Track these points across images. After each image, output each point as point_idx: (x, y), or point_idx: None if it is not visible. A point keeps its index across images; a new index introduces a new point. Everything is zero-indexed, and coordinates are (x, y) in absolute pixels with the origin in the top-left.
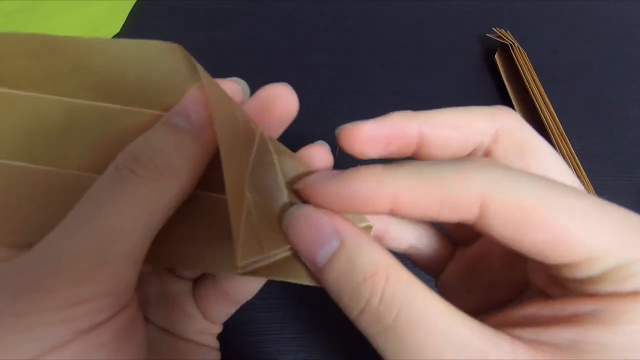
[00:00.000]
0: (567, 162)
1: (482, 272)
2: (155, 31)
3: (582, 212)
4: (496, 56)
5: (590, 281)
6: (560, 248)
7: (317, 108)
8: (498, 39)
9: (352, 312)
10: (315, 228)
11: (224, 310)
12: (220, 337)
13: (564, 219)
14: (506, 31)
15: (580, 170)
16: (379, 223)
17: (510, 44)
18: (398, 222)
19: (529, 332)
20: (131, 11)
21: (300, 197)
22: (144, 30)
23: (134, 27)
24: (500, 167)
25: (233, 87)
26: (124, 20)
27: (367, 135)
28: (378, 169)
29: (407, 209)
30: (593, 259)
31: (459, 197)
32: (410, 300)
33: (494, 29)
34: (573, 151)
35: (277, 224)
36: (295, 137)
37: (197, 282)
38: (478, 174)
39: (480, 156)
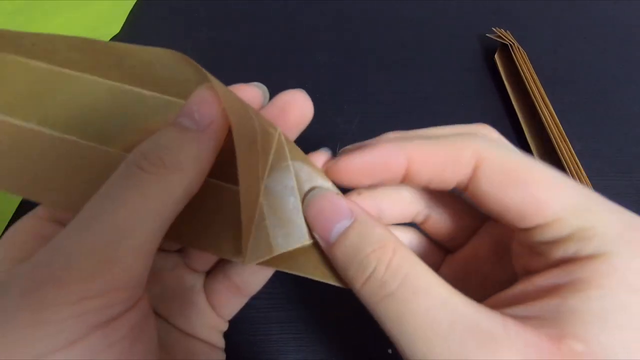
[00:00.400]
0: (567, 163)
1: (472, 273)
2: (155, 31)
3: (554, 180)
4: (496, 56)
5: (559, 243)
6: (534, 208)
7: (317, 108)
8: (498, 39)
9: (358, 281)
10: (334, 205)
11: (234, 303)
12: None
13: (539, 183)
14: (506, 31)
15: (580, 170)
16: None
17: (510, 44)
18: None
19: (517, 310)
20: (131, 11)
21: (331, 177)
22: (144, 30)
23: (134, 27)
24: (493, 139)
25: (254, 91)
26: (124, 20)
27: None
28: (394, 138)
29: (419, 168)
30: (561, 220)
31: (459, 155)
32: (414, 271)
33: (494, 29)
34: (573, 151)
35: (289, 226)
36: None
37: (209, 276)
38: (475, 139)
39: (479, 127)
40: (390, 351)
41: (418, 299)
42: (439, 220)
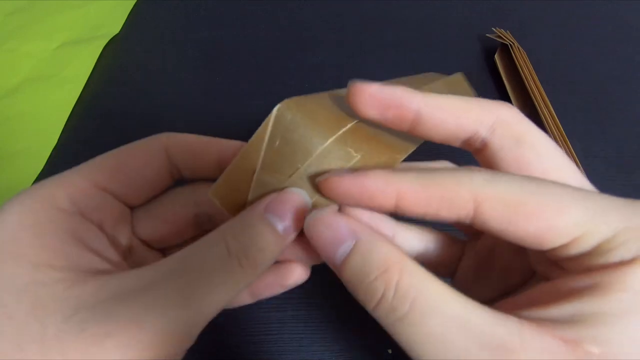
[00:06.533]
0: None
1: (494, 261)
2: (155, 31)
3: (562, 201)
4: (496, 56)
5: (583, 257)
6: (549, 235)
7: None
8: (498, 39)
9: (369, 305)
10: (333, 229)
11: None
12: (219, 337)
13: (547, 210)
14: (506, 31)
15: (580, 170)
16: (386, 231)
17: (510, 44)
18: (404, 231)
19: (534, 312)
20: (131, 11)
21: (321, 191)
22: (144, 30)
23: (134, 27)
24: (489, 171)
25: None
26: (124, 20)
27: (370, 93)
28: (386, 171)
29: (409, 205)
30: (579, 238)
31: (453, 196)
32: (423, 291)
33: (494, 29)
34: (573, 151)
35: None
36: None
37: None
38: (469, 176)
39: (473, 166)
40: (390, 351)
41: (429, 320)
42: None
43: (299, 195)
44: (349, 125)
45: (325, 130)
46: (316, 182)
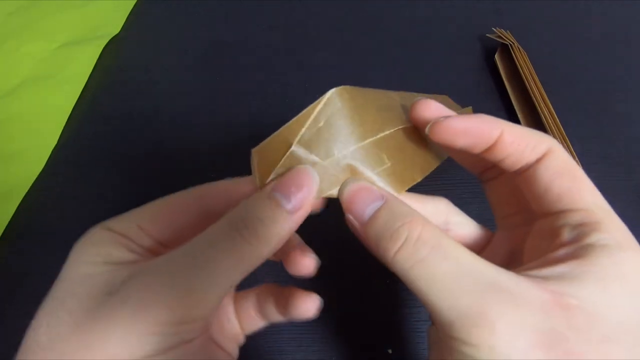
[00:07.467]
0: None
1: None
2: (155, 31)
3: (593, 187)
4: (496, 56)
5: (578, 227)
6: (575, 196)
7: None
8: (498, 39)
9: (391, 251)
10: (367, 190)
11: (256, 322)
12: None
13: (584, 182)
14: (506, 31)
15: None
16: None
17: (510, 44)
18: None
19: (529, 272)
20: (131, 11)
21: (433, 133)
22: (144, 30)
23: (134, 27)
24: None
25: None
26: (124, 20)
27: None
28: (490, 116)
29: (505, 144)
30: (588, 211)
31: (537, 143)
32: (441, 241)
33: (494, 29)
34: (573, 151)
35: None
36: None
37: (240, 292)
38: (549, 137)
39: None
40: (390, 351)
41: (447, 262)
42: (457, 236)
43: (304, 172)
44: (388, 131)
45: (368, 129)
46: (428, 129)
